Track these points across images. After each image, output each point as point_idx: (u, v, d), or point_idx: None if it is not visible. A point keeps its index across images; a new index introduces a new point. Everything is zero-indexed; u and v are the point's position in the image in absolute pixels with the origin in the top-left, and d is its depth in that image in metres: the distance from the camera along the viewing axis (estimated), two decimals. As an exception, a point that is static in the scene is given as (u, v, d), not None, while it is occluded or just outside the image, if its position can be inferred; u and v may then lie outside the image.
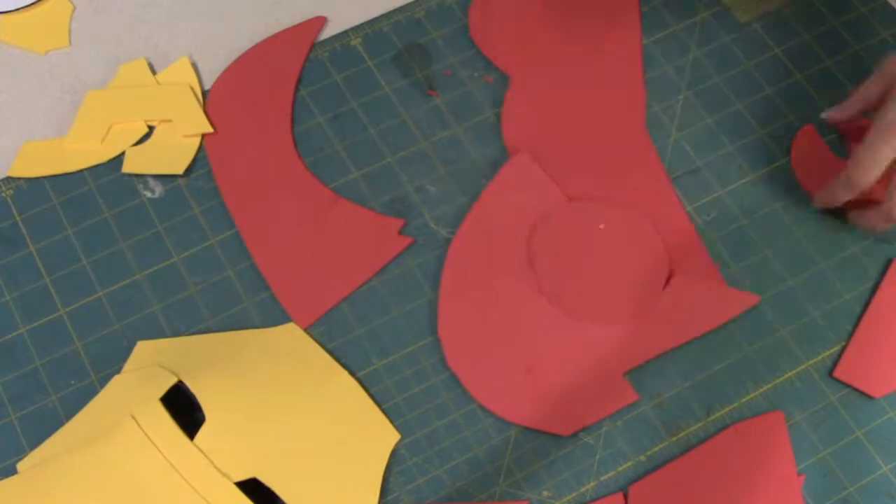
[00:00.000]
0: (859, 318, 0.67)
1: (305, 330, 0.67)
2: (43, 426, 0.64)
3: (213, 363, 0.65)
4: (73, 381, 0.66)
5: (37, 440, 0.64)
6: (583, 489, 0.63)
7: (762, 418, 0.65)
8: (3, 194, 0.72)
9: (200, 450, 0.60)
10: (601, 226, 0.69)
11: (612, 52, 0.77)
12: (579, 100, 0.75)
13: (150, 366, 0.65)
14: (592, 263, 0.69)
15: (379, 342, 0.67)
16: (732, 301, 0.68)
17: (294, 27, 0.78)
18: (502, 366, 0.66)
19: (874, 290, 0.69)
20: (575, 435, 0.65)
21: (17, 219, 0.71)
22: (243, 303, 0.69)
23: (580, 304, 0.68)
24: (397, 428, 0.65)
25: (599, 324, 0.67)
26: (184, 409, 0.62)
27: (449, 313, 0.68)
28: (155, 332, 0.68)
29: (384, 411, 0.65)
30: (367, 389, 0.66)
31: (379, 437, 0.64)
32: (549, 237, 0.70)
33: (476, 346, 0.67)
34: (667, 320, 0.67)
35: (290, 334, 0.67)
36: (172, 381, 0.63)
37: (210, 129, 0.74)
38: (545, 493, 0.63)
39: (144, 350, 0.67)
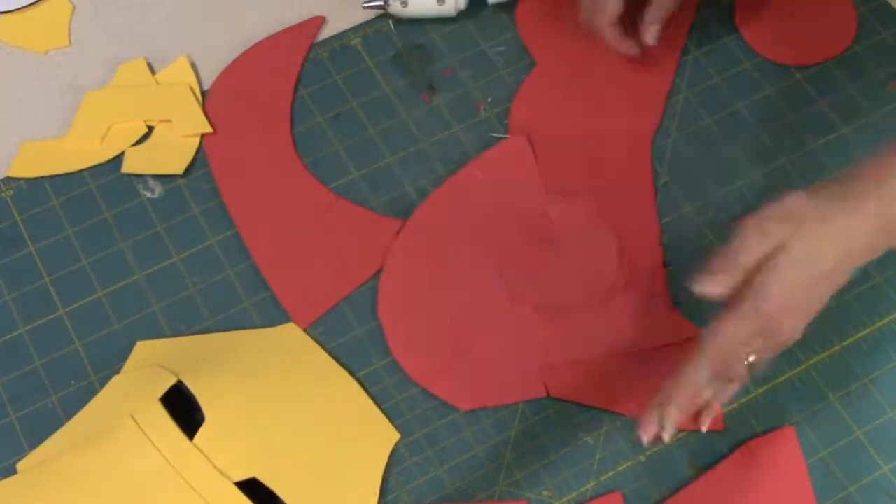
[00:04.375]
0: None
1: (305, 330, 0.67)
2: (43, 426, 0.64)
3: (213, 363, 0.65)
4: (73, 381, 0.66)
5: (37, 440, 0.64)
6: (582, 489, 0.63)
7: (773, 435, 0.64)
8: (3, 194, 0.72)
9: (200, 450, 0.60)
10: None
11: (647, 64, 0.76)
12: (597, 100, 0.76)
13: (150, 366, 0.64)
14: (550, 259, 0.69)
15: (379, 342, 0.67)
16: (670, 327, 0.67)
17: (293, 27, 0.78)
18: (428, 327, 0.67)
19: (875, 288, 0.69)
20: (575, 435, 0.65)
21: (17, 219, 0.71)
22: (243, 303, 0.69)
23: (526, 291, 0.68)
24: (397, 428, 0.65)
25: (536, 313, 0.67)
26: (183, 409, 0.62)
27: (396, 265, 0.68)
28: (155, 332, 0.67)
29: (384, 411, 0.65)
30: (366, 389, 0.66)
31: (379, 437, 0.64)
32: (519, 224, 0.70)
33: (410, 303, 0.68)
34: (597, 330, 0.67)
35: (290, 334, 0.67)
36: (172, 381, 0.63)
37: (209, 129, 0.73)
38: (545, 493, 0.63)
39: (144, 350, 0.66)
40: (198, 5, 0.79)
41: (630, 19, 0.73)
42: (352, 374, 0.66)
